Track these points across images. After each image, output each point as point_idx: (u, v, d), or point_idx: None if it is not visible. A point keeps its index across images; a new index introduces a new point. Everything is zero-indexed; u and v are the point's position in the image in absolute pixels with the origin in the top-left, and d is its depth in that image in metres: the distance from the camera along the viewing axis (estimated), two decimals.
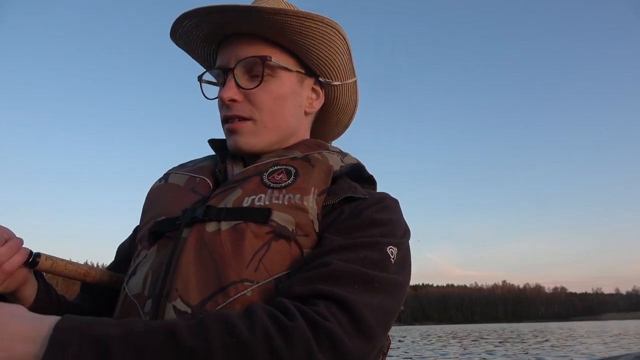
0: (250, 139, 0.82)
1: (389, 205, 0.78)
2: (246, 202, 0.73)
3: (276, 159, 0.81)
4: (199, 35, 0.86)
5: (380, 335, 0.63)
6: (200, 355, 0.53)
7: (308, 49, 0.83)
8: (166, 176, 0.91)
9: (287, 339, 0.55)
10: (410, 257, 0.76)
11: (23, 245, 0.73)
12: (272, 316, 0.57)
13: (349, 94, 0.95)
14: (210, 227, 0.72)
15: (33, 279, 0.79)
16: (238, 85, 0.81)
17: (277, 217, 0.71)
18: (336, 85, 0.91)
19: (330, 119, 0.99)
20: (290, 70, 0.84)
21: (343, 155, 0.86)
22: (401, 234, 0.75)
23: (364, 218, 0.73)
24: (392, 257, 0.69)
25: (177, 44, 0.89)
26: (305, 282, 0.63)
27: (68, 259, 0.79)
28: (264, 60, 0.80)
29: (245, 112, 0.81)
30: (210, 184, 0.84)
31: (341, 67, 0.88)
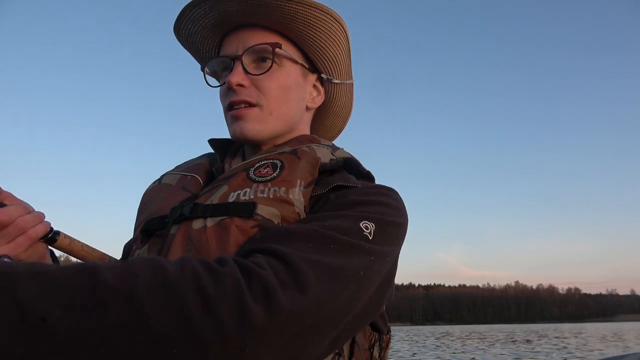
0: (255, 126, 0.82)
1: (382, 191, 0.75)
2: (231, 198, 0.73)
3: (266, 154, 0.81)
4: (205, 25, 0.85)
5: (320, 293, 0.54)
6: (123, 294, 0.46)
7: (313, 41, 0.84)
8: (161, 178, 0.91)
9: (217, 280, 0.50)
10: (398, 240, 0.71)
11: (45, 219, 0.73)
12: (203, 262, 0.53)
13: (346, 96, 0.96)
14: (197, 224, 0.71)
15: (50, 261, 0.78)
16: (246, 72, 0.81)
17: (262, 210, 0.70)
18: (336, 83, 0.92)
19: (325, 121, 1.00)
20: (296, 62, 0.85)
21: (334, 149, 0.85)
22: (389, 214, 0.70)
23: (344, 200, 0.70)
24: (365, 231, 0.64)
25: (178, 35, 0.89)
26: (256, 241, 0.63)
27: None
28: (274, 47, 0.81)
29: (252, 97, 0.81)
30: (201, 182, 0.84)
31: (342, 66, 0.90)
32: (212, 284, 0.49)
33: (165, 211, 0.79)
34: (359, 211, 0.67)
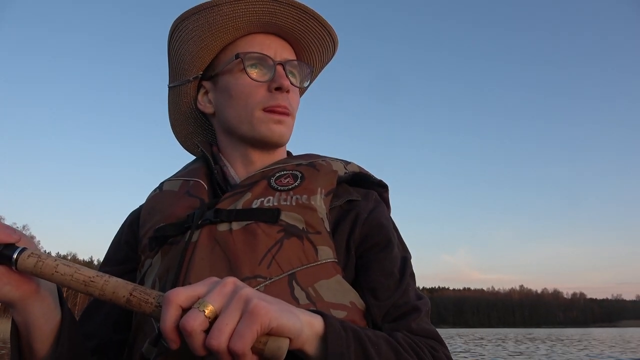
0: (287, 133, 0.86)
1: (383, 206, 0.86)
2: (255, 204, 0.76)
3: (282, 165, 0.84)
4: (242, 22, 0.83)
5: None
6: None
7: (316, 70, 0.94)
8: (160, 185, 0.91)
9: None
10: None
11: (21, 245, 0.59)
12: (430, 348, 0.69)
13: None
14: (222, 227, 0.74)
15: (50, 298, 0.65)
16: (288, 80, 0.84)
17: (286, 216, 0.74)
18: None
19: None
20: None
21: (346, 163, 0.88)
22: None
23: (392, 248, 0.79)
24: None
25: (195, 20, 0.83)
26: (411, 318, 0.72)
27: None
28: (311, 70, 0.91)
29: (291, 106, 0.86)
30: (205, 186, 0.84)
31: None
32: None
33: (174, 218, 0.79)
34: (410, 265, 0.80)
